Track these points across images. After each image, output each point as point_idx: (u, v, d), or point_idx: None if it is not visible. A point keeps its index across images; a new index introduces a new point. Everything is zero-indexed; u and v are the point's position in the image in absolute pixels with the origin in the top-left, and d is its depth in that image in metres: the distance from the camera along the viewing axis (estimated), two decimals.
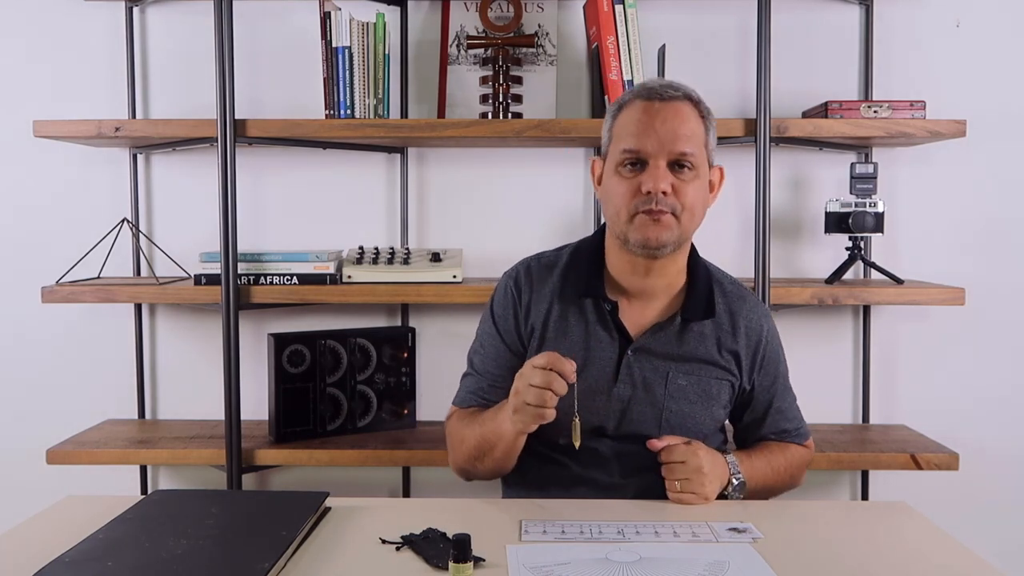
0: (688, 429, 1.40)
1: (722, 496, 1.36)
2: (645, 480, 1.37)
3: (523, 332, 1.45)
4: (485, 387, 1.46)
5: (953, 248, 2.17)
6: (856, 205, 1.98)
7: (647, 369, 1.39)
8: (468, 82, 2.12)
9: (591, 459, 1.40)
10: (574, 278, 1.44)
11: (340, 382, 2.05)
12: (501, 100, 2.02)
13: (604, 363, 1.40)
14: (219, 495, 1.40)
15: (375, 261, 2.02)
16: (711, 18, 2.16)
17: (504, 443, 1.35)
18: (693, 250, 1.46)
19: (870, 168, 2.00)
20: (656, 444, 1.34)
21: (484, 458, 1.39)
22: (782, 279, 2.13)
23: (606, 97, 1.94)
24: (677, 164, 1.32)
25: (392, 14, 2.12)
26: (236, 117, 1.92)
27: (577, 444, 1.30)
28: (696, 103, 1.37)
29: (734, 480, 1.36)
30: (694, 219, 1.36)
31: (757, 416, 1.49)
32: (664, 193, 1.31)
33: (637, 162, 1.33)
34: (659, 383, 1.39)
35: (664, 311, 1.42)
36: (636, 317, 1.42)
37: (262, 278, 1.97)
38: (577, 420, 1.30)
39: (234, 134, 1.90)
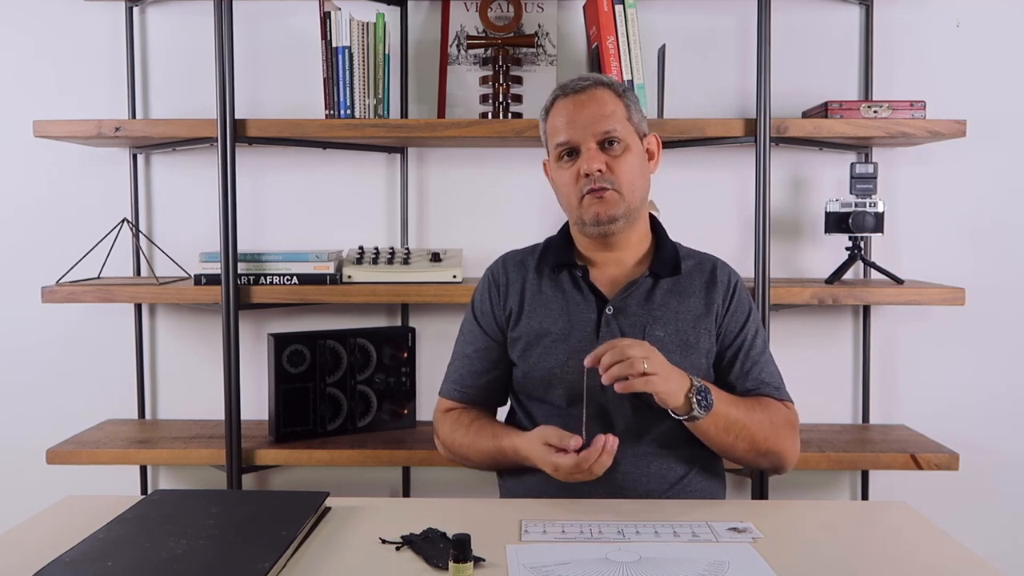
0: None
1: (688, 409, 1.30)
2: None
3: (499, 316, 1.54)
4: (464, 373, 1.56)
5: (953, 248, 2.17)
6: (856, 205, 1.98)
7: (625, 325, 1.46)
8: (468, 82, 2.12)
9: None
10: (547, 256, 1.56)
11: (340, 382, 2.05)
12: (501, 100, 2.02)
13: (585, 324, 1.47)
14: (219, 495, 1.39)
15: (375, 261, 2.02)
16: (711, 18, 2.16)
17: (521, 462, 1.42)
18: (656, 223, 1.56)
19: (870, 168, 2.00)
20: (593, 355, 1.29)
21: (495, 466, 1.51)
22: (782, 279, 2.13)
23: None
24: (606, 143, 1.44)
25: (392, 14, 2.12)
26: (236, 117, 1.92)
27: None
28: (609, 85, 1.48)
29: (695, 383, 1.31)
30: (636, 189, 1.46)
31: (729, 356, 1.47)
32: (600, 171, 1.42)
33: (571, 151, 1.46)
34: (637, 337, 1.43)
35: (633, 271, 1.51)
36: (608, 279, 1.51)
37: (262, 278, 1.97)
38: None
39: (234, 134, 1.90)
